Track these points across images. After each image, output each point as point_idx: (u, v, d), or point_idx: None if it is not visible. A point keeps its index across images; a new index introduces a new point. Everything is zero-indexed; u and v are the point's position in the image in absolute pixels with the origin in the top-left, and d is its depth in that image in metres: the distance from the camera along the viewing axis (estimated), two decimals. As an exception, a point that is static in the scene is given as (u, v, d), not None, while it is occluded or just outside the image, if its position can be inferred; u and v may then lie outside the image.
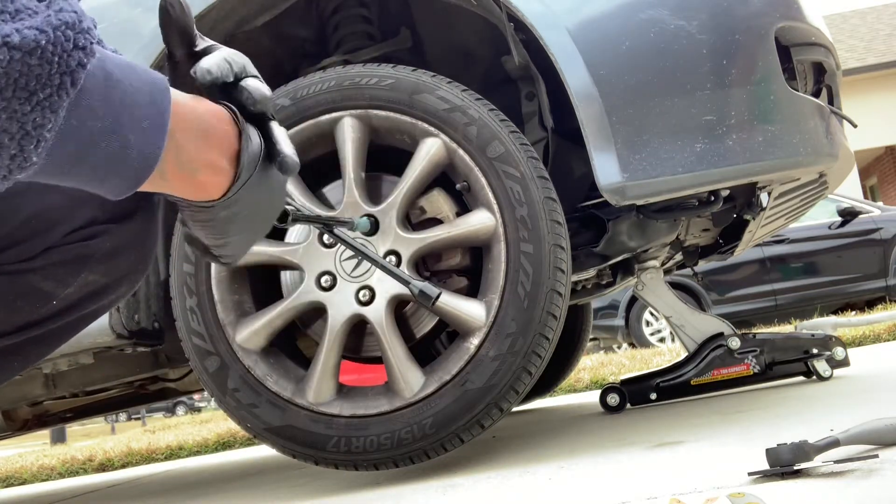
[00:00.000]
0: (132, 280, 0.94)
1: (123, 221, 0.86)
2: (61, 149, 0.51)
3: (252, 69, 0.71)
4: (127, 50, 1.58)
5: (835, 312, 6.31)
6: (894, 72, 13.39)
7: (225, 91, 0.68)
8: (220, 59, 0.68)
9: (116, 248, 0.89)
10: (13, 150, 0.48)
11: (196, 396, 16.63)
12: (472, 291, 1.48)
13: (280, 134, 0.70)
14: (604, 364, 4.41)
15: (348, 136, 1.47)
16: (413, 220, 1.51)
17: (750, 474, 0.96)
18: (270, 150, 0.69)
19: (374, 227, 1.43)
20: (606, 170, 1.37)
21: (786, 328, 4.60)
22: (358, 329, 1.53)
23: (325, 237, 1.47)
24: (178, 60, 0.71)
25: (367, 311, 1.44)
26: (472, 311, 1.39)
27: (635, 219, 1.72)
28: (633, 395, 2.18)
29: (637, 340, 7.38)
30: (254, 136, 0.67)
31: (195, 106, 0.63)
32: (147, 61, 1.59)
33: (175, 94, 0.60)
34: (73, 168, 0.54)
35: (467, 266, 1.54)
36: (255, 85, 0.68)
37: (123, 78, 0.55)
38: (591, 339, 7.10)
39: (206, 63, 0.67)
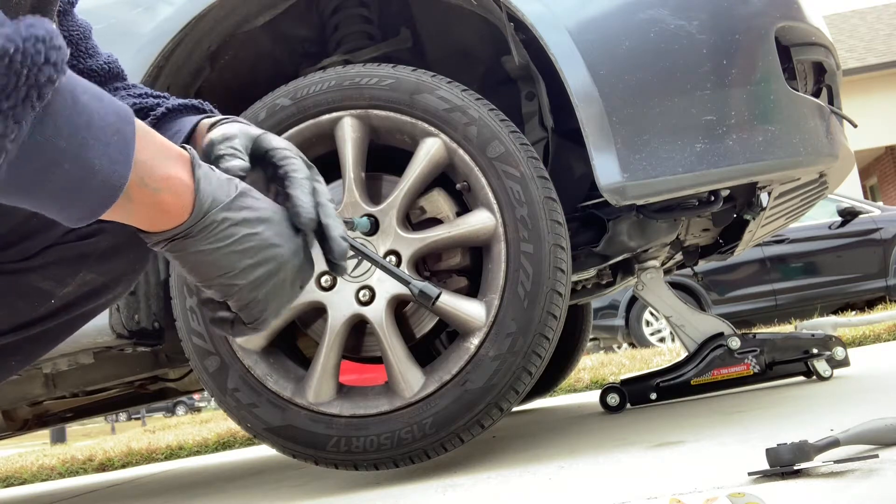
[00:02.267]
0: (129, 280, 0.94)
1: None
2: (24, 165, 0.51)
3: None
4: (125, 51, 1.58)
5: (835, 312, 6.31)
6: (894, 72, 13.39)
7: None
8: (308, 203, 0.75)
9: (115, 247, 0.89)
10: None
11: (196, 396, 16.63)
12: (473, 291, 1.48)
13: (335, 229, 0.78)
14: (604, 364, 4.41)
15: (348, 136, 1.47)
16: (413, 219, 1.51)
17: (750, 474, 0.96)
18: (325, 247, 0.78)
19: (373, 227, 1.43)
20: (606, 170, 1.37)
21: (786, 328, 4.60)
22: (358, 329, 1.53)
23: None
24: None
25: (367, 311, 1.44)
26: (472, 311, 1.39)
27: (635, 219, 1.72)
28: (633, 395, 2.18)
29: (637, 340, 7.38)
30: (212, 173, 0.67)
31: (155, 134, 0.64)
32: (146, 62, 1.59)
33: (138, 123, 0.60)
34: (34, 188, 0.53)
35: (467, 266, 1.54)
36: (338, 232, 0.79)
37: (91, 103, 0.54)
38: (591, 339, 7.10)
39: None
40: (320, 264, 1.43)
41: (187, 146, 0.66)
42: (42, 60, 0.48)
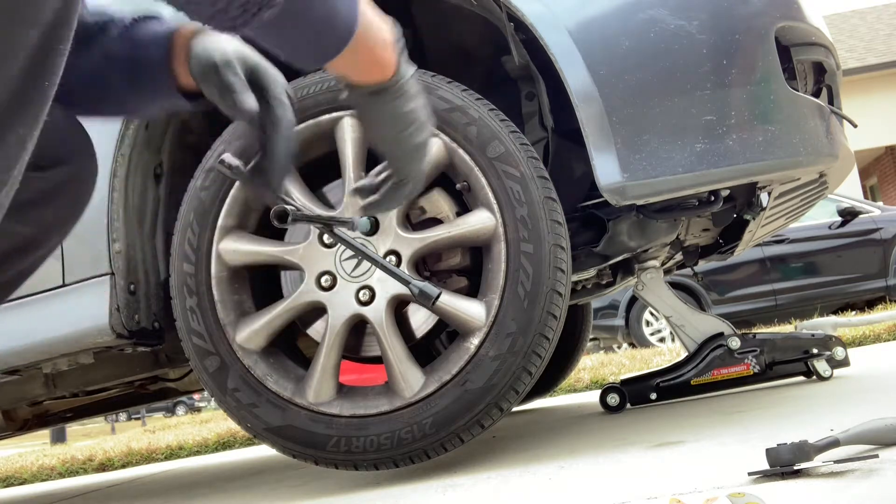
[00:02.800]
0: (62, 230, 0.93)
1: (56, 167, 0.91)
2: (293, 5, 0.69)
3: None
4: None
5: (835, 312, 6.31)
6: (894, 72, 13.39)
7: None
8: None
9: (47, 194, 0.88)
10: None
11: (196, 396, 16.63)
12: (473, 291, 1.48)
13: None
14: (604, 364, 4.41)
15: (348, 135, 1.48)
16: (413, 219, 1.51)
17: (750, 474, 0.96)
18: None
19: (374, 227, 1.43)
20: (606, 170, 1.37)
21: (786, 328, 4.60)
22: (358, 329, 1.53)
23: (325, 237, 1.47)
24: None
25: (367, 311, 1.44)
26: (472, 311, 1.39)
27: (635, 219, 1.72)
28: (633, 395, 2.18)
29: (637, 340, 7.38)
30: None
31: (373, 10, 0.82)
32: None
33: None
34: (299, 19, 0.72)
35: (467, 266, 1.54)
36: None
37: None
38: (591, 339, 7.10)
39: None
40: (320, 264, 1.48)
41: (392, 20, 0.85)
42: None
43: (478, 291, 1.43)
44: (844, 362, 2.09)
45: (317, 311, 1.51)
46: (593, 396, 2.89)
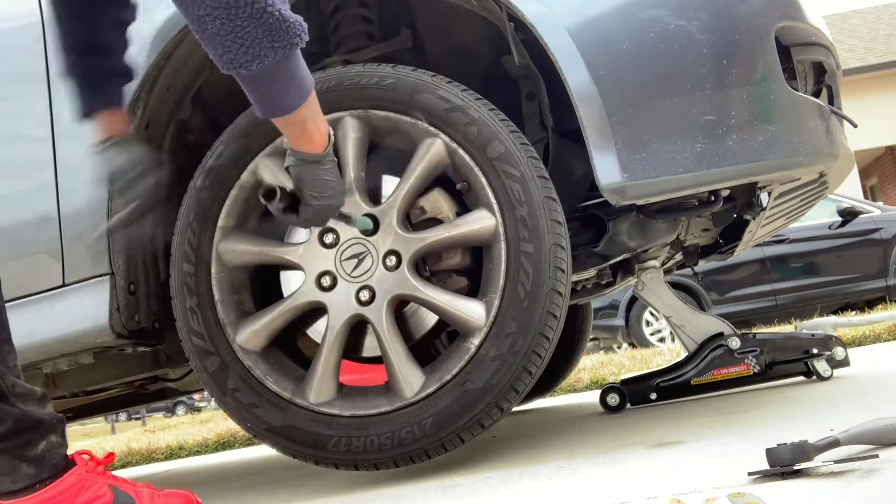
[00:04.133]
0: None
1: None
2: (272, 69, 1.05)
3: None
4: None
5: (835, 312, 6.30)
6: (894, 72, 13.38)
7: None
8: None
9: None
10: (247, 56, 1.02)
11: (196, 396, 16.63)
12: (473, 291, 1.48)
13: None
14: (604, 364, 4.41)
15: (349, 135, 1.47)
16: (413, 219, 1.51)
17: (750, 474, 0.97)
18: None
19: (374, 228, 1.43)
20: (606, 169, 1.37)
21: (786, 328, 4.60)
22: (358, 329, 1.53)
23: (325, 237, 1.47)
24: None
25: (368, 311, 1.44)
26: (472, 310, 1.39)
27: (635, 219, 1.72)
28: (633, 395, 2.18)
29: (637, 340, 7.38)
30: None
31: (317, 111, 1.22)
32: (146, 62, 1.59)
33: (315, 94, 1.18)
34: (262, 85, 1.07)
35: (467, 266, 1.54)
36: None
37: (304, 66, 1.13)
38: (591, 339, 7.09)
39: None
40: (320, 264, 1.52)
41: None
42: (301, 33, 1.05)
43: (478, 291, 1.43)
44: (844, 362, 2.09)
45: (317, 311, 1.51)
46: (593, 396, 2.89)
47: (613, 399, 2.19)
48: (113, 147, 1.40)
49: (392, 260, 1.43)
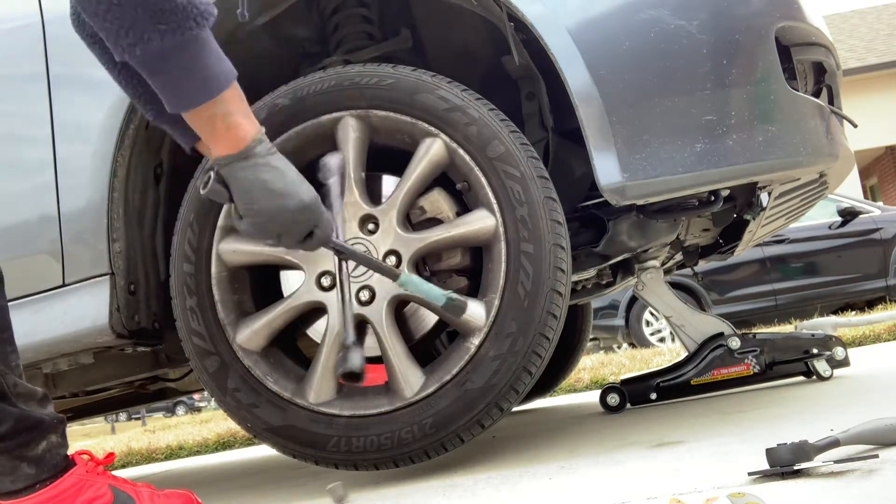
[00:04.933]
0: None
1: None
2: (167, 57, 0.92)
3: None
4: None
5: (835, 312, 6.30)
6: (894, 72, 13.38)
7: None
8: None
9: None
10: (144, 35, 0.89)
11: (196, 396, 16.63)
12: (473, 291, 1.48)
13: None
14: (604, 364, 4.41)
15: (349, 135, 1.47)
16: (413, 219, 1.51)
17: (750, 474, 0.97)
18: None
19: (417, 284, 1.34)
20: (606, 169, 1.37)
21: (786, 328, 4.60)
22: (358, 329, 1.53)
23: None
24: None
25: (368, 311, 1.44)
26: (472, 310, 1.39)
27: (635, 219, 1.72)
28: (633, 395, 2.18)
29: (637, 340, 7.38)
30: (267, 142, 1.12)
31: (243, 100, 1.07)
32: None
33: (236, 86, 1.03)
34: (166, 70, 0.93)
35: (467, 266, 1.54)
36: None
37: (216, 58, 0.99)
38: (591, 339, 7.09)
39: None
40: (320, 264, 1.50)
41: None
42: (201, 17, 0.93)
43: (478, 291, 1.43)
44: (844, 362, 2.09)
45: (317, 310, 1.51)
46: (593, 396, 2.89)
47: (613, 399, 2.19)
48: None
49: (392, 260, 1.43)
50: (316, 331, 1.56)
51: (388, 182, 1.55)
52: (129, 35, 0.88)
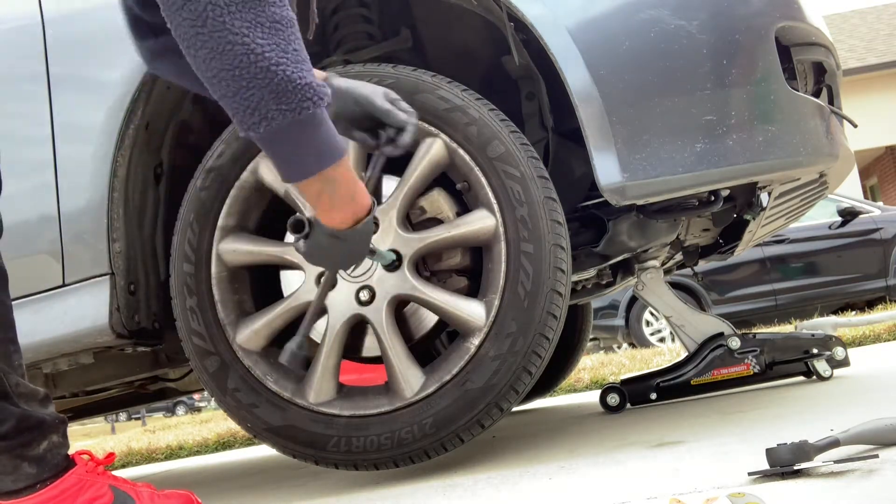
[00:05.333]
0: None
1: None
2: (282, 132, 0.98)
3: None
4: (126, 50, 1.57)
5: (835, 312, 6.30)
6: (894, 72, 13.38)
7: None
8: None
9: None
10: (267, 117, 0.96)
11: (196, 396, 16.62)
12: (473, 291, 1.48)
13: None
14: (604, 364, 4.41)
15: (348, 135, 1.47)
16: (413, 219, 1.51)
17: (750, 474, 0.97)
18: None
19: (396, 263, 1.41)
20: (606, 169, 1.37)
21: (786, 328, 4.60)
22: (358, 329, 1.53)
23: None
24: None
25: (367, 311, 1.44)
26: (472, 310, 1.39)
27: (635, 219, 1.72)
28: (633, 394, 2.18)
29: (637, 340, 7.38)
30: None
31: (356, 179, 1.11)
32: (142, 67, 1.58)
33: (347, 162, 1.07)
34: (284, 145, 1.01)
35: (467, 266, 1.54)
36: None
37: (328, 135, 1.03)
38: (591, 339, 7.09)
39: None
40: (319, 267, 1.48)
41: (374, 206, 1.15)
42: (318, 99, 0.98)
43: (478, 291, 1.43)
44: (844, 362, 2.09)
45: (317, 311, 1.51)
46: (593, 396, 2.89)
47: (613, 399, 2.19)
48: None
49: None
50: (316, 331, 1.56)
51: (389, 182, 1.55)
52: (254, 115, 0.96)
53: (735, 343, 2.06)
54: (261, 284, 1.60)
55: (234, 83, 0.95)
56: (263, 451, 3.22)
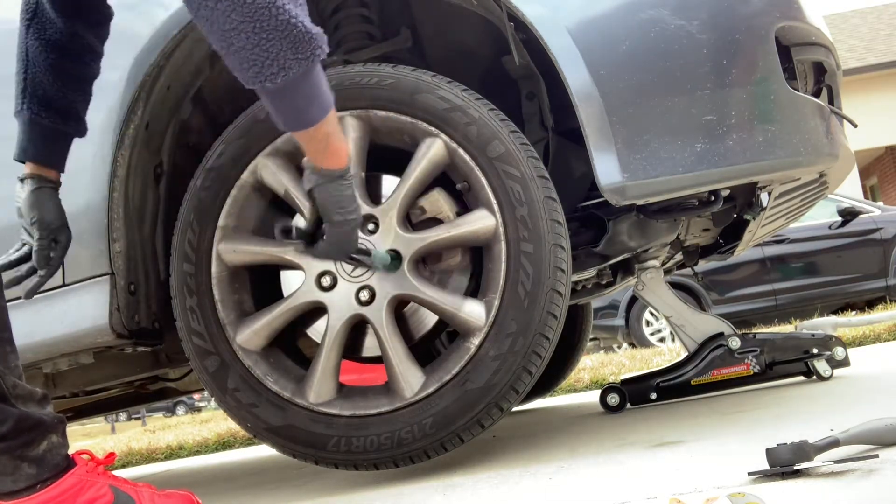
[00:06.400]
0: None
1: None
2: (296, 82, 1.04)
3: None
4: (127, 50, 1.58)
5: (835, 312, 6.30)
6: (894, 72, 13.38)
7: None
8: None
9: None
10: (277, 65, 1.02)
11: (196, 396, 16.63)
12: (473, 291, 1.48)
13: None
14: (604, 364, 4.41)
15: (349, 135, 1.47)
16: (413, 219, 1.51)
17: (750, 474, 0.97)
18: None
19: (396, 262, 1.42)
20: (606, 169, 1.37)
21: (786, 328, 4.60)
22: (358, 329, 1.53)
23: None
24: None
25: (368, 311, 1.44)
26: (472, 310, 1.39)
27: (635, 219, 1.72)
28: (633, 394, 2.18)
29: (637, 340, 7.38)
30: None
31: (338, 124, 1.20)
32: (146, 61, 1.59)
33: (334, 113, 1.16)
34: (288, 98, 1.06)
35: (468, 266, 1.54)
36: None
37: (326, 81, 1.12)
38: (591, 339, 7.09)
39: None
40: (320, 264, 1.50)
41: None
42: (325, 43, 1.05)
43: (478, 291, 1.43)
44: (844, 362, 2.09)
45: (317, 310, 1.51)
46: (593, 396, 2.89)
47: (613, 399, 2.19)
48: None
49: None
50: (316, 331, 1.56)
51: (388, 182, 1.55)
52: (272, 66, 0.99)
53: (735, 343, 2.06)
54: (261, 284, 1.60)
55: (255, 35, 0.97)
56: (263, 451, 3.22)
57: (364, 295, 1.44)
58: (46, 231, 1.40)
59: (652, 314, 7.31)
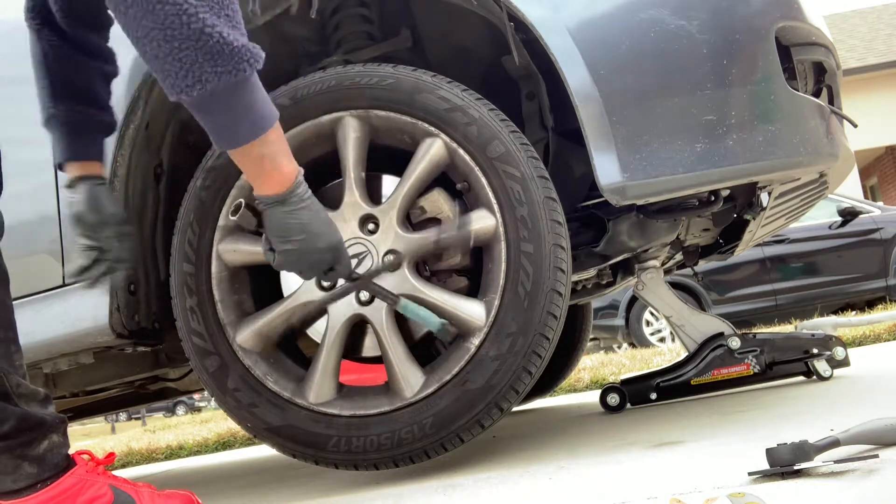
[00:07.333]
0: None
1: None
2: (219, 98, 0.98)
3: None
4: (127, 51, 1.57)
5: (835, 312, 6.30)
6: (894, 72, 13.38)
7: None
8: None
9: None
10: (199, 78, 0.95)
11: (196, 396, 16.62)
12: (473, 291, 1.48)
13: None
14: (604, 364, 4.41)
15: (349, 135, 1.47)
16: (413, 219, 1.51)
17: (750, 474, 0.97)
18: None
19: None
20: (606, 169, 1.37)
21: (786, 328, 4.60)
22: (358, 329, 1.53)
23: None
24: None
25: (368, 311, 1.44)
26: (472, 311, 1.39)
27: (635, 219, 1.72)
28: (633, 394, 2.18)
29: (637, 340, 7.38)
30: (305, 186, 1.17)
31: (282, 144, 1.11)
32: (142, 67, 1.58)
33: (278, 128, 1.08)
34: (220, 110, 1.00)
35: (467, 266, 1.54)
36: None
37: (262, 95, 1.04)
38: (591, 339, 7.09)
39: None
40: None
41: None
42: (252, 61, 0.98)
43: (478, 291, 1.43)
44: (844, 362, 2.09)
45: (317, 311, 1.51)
46: (593, 396, 2.89)
47: (613, 399, 2.19)
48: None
49: (391, 259, 1.42)
50: (316, 331, 1.56)
51: (388, 182, 1.55)
52: (188, 76, 0.93)
53: (735, 343, 2.06)
54: (261, 284, 1.60)
55: (167, 44, 0.92)
56: (263, 451, 3.22)
57: (364, 295, 1.44)
58: (115, 225, 1.35)
59: (652, 314, 7.31)
